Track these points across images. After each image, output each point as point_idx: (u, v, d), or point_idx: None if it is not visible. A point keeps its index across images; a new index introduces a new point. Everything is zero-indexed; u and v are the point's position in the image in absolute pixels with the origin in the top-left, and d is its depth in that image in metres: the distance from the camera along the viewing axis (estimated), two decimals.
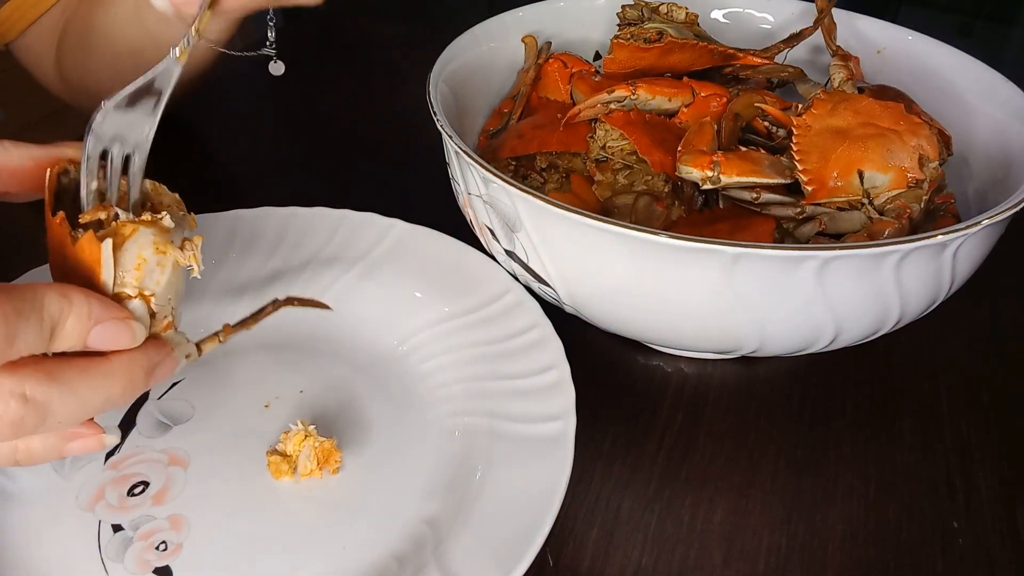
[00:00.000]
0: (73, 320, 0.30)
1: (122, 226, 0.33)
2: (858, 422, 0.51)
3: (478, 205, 0.49)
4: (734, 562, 0.43)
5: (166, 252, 0.34)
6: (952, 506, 0.46)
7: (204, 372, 0.50)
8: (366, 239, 0.56)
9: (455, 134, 0.48)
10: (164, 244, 0.34)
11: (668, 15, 0.60)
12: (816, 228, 0.48)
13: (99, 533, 0.41)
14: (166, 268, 0.34)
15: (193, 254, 0.35)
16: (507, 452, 0.44)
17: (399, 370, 0.50)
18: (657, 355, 0.55)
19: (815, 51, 0.64)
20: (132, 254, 0.33)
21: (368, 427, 0.47)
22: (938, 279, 0.44)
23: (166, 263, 0.34)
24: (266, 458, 0.44)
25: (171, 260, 0.34)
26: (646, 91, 0.54)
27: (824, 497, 0.46)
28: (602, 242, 0.43)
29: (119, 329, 0.32)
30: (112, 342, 0.32)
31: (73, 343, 0.31)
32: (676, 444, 0.49)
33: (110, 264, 0.32)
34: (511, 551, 0.38)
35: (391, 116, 0.80)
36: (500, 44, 0.62)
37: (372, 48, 0.94)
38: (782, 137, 0.54)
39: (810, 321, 0.44)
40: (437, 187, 0.58)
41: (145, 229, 0.33)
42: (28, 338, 0.29)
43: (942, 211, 0.50)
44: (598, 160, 0.55)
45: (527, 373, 0.47)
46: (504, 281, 0.52)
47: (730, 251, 0.40)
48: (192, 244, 0.35)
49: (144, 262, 0.33)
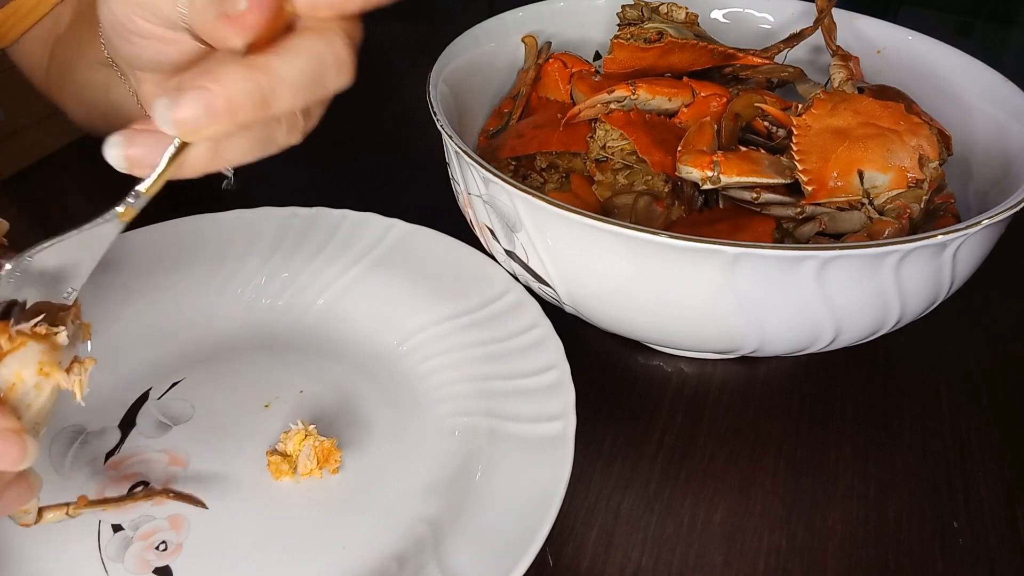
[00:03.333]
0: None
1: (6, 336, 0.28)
2: (858, 422, 0.51)
3: (478, 205, 0.49)
4: (734, 562, 0.43)
5: (49, 375, 0.28)
6: (952, 506, 0.46)
7: (204, 372, 0.50)
8: (366, 239, 0.56)
9: (455, 134, 0.48)
10: (50, 365, 0.28)
11: (668, 15, 0.60)
12: (816, 228, 0.48)
13: (99, 533, 0.41)
14: (43, 392, 0.28)
15: (80, 379, 0.29)
16: (507, 452, 0.44)
17: (399, 370, 0.50)
18: (657, 355, 0.55)
19: (815, 51, 0.64)
20: (10, 370, 0.28)
21: (368, 427, 0.47)
22: (938, 279, 0.44)
23: (45, 387, 0.28)
24: (266, 458, 0.44)
25: (52, 384, 0.28)
26: (646, 91, 0.54)
27: (824, 497, 0.46)
28: (602, 242, 0.43)
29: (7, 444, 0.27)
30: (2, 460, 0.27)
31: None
32: (676, 444, 0.49)
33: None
34: (511, 551, 0.38)
35: (391, 116, 0.80)
36: (500, 44, 0.62)
37: (372, 48, 0.94)
38: (782, 137, 0.54)
39: (810, 321, 0.44)
40: (437, 187, 0.58)
41: (34, 344, 0.28)
42: None
43: (942, 211, 0.50)
44: (598, 160, 0.55)
45: (527, 373, 0.47)
46: (504, 281, 0.52)
47: (730, 251, 0.40)
48: (81, 367, 0.30)
49: (21, 383, 0.28)
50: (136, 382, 0.49)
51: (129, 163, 0.30)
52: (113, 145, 0.30)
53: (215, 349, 0.51)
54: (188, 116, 0.28)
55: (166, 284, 0.53)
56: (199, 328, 0.52)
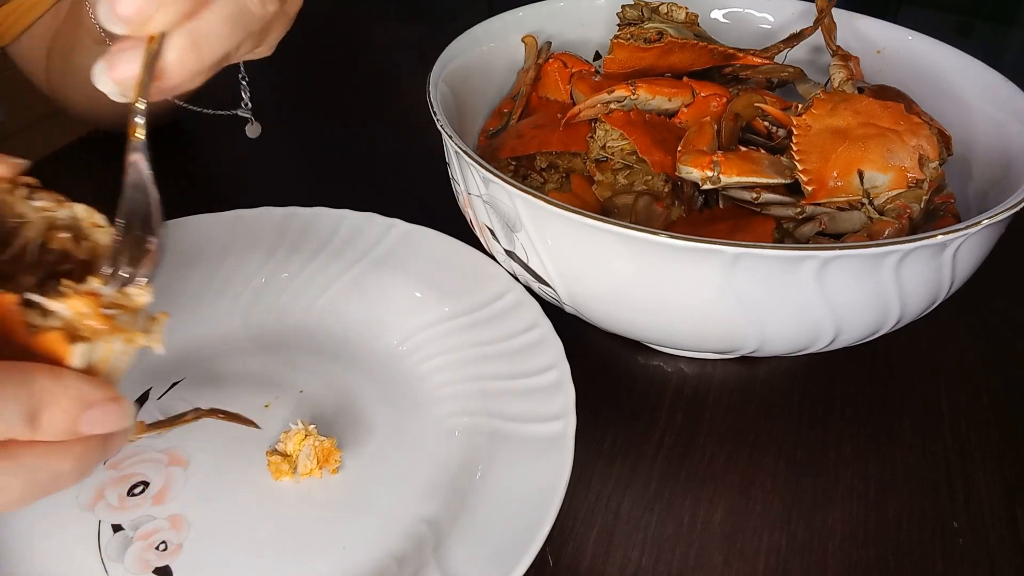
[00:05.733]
0: (66, 403, 0.27)
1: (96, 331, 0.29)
2: (858, 422, 0.51)
3: (478, 205, 0.49)
4: (734, 562, 0.43)
5: (134, 341, 0.30)
6: (952, 506, 0.46)
7: (204, 372, 0.50)
8: (366, 239, 0.56)
9: (455, 134, 0.48)
10: (135, 333, 0.30)
11: (668, 15, 0.60)
12: (816, 228, 0.48)
13: (99, 533, 0.41)
14: (128, 355, 0.30)
15: (158, 335, 0.31)
16: (507, 452, 0.44)
17: (399, 370, 0.50)
18: (657, 355, 0.55)
19: (815, 51, 0.64)
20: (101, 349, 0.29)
21: (368, 427, 0.47)
22: (938, 279, 0.44)
23: (131, 351, 0.30)
24: (266, 458, 0.44)
25: (136, 347, 0.30)
26: (646, 91, 0.54)
27: (824, 497, 0.46)
28: (602, 242, 0.43)
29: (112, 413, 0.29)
30: (104, 426, 0.29)
31: (61, 432, 0.28)
32: (676, 444, 0.49)
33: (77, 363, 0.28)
34: (511, 551, 0.38)
35: (391, 116, 0.80)
36: (500, 44, 0.62)
37: (372, 48, 0.94)
38: (782, 137, 0.54)
39: (810, 321, 0.44)
40: (437, 187, 0.58)
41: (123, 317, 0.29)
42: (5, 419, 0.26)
43: (942, 211, 0.50)
44: (598, 160, 0.55)
45: (527, 373, 0.47)
46: (504, 281, 0.52)
47: (730, 251, 0.40)
48: (157, 324, 0.31)
49: (112, 353, 0.30)
50: (136, 382, 0.49)
51: (119, 86, 0.31)
52: (100, 72, 0.31)
53: (215, 349, 0.51)
54: (131, 8, 0.28)
55: (166, 284, 0.53)
56: (199, 328, 0.52)
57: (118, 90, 0.31)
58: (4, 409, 0.26)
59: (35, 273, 0.32)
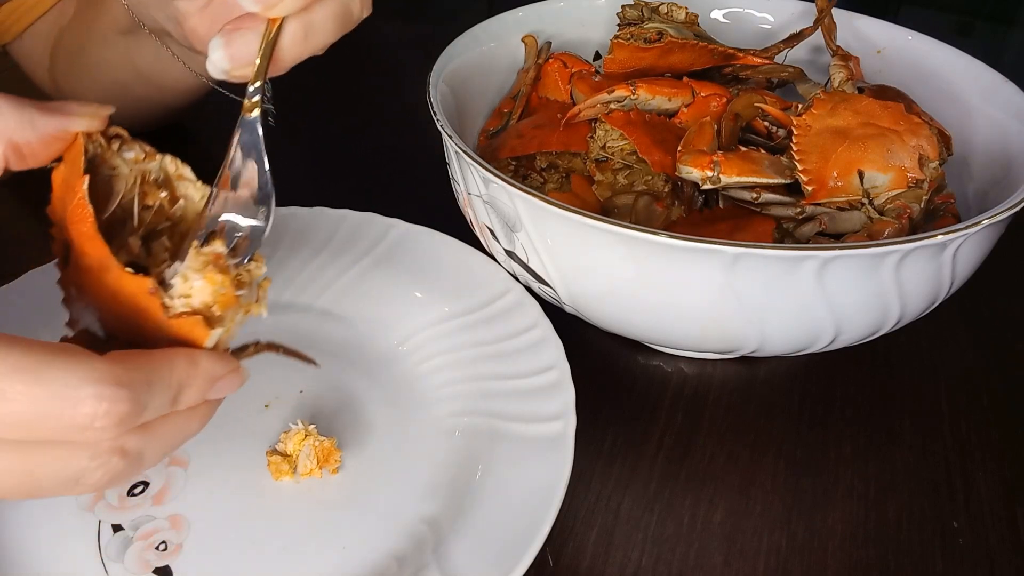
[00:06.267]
0: (200, 383, 0.31)
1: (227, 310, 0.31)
2: (858, 422, 0.51)
3: (478, 205, 0.49)
4: (734, 562, 0.43)
5: (248, 311, 0.33)
6: (952, 506, 0.46)
7: None
8: (366, 239, 0.56)
9: (455, 134, 0.48)
10: (249, 304, 0.33)
11: (668, 15, 0.60)
12: (816, 228, 0.48)
13: (99, 533, 0.41)
14: (243, 322, 0.33)
15: (264, 301, 0.34)
16: (507, 452, 0.44)
17: (399, 370, 0.50)
18: (657, 355, 0.55)
19: (815, 51, 0.64)
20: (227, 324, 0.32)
21: (368, 427, 0.47)
22: (938, 279, 0.44)
23: (245, 320, 0.33)
24: (266, 458, 0.44)
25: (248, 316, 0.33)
26: (646, 91, 0.54)
27: (824, 497, 0.46)
28: (602, 242, 0.43)
29: (233, 382, 0.33)
30: (225, 393, 0.33)
31: (193, 403, 0.31)
32: (676, 444, 0.49)
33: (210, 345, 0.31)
34: (511, 551, 0.38)
35: (391, 116, 0.80)
36: (500, 44, 0.62)
37: (372, 48, 0.94)
38: (782, 137, 0.54)
39: (810, 321, 0.44)
40: (437, 187, 0.58)
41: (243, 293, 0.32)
42: (155, 406, 0.29)
43: (942, 211, 0.50)
44: (598, 160, 0.55)
45: (527, 373, 0.47)
46: (504, 281, 0.52)
47: (730, 251, 0.40)
48: (263, 291, 0.34)
49: (233, 326, 0.32)
50: None
51: (232, 63, 0.34)
52: (216, 47, 0.34)
53: None
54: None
55: None
56: None
57: (229, 66, 0.34)
58: (153, 399, 0.29)
59: (137, 232, 0.33)
